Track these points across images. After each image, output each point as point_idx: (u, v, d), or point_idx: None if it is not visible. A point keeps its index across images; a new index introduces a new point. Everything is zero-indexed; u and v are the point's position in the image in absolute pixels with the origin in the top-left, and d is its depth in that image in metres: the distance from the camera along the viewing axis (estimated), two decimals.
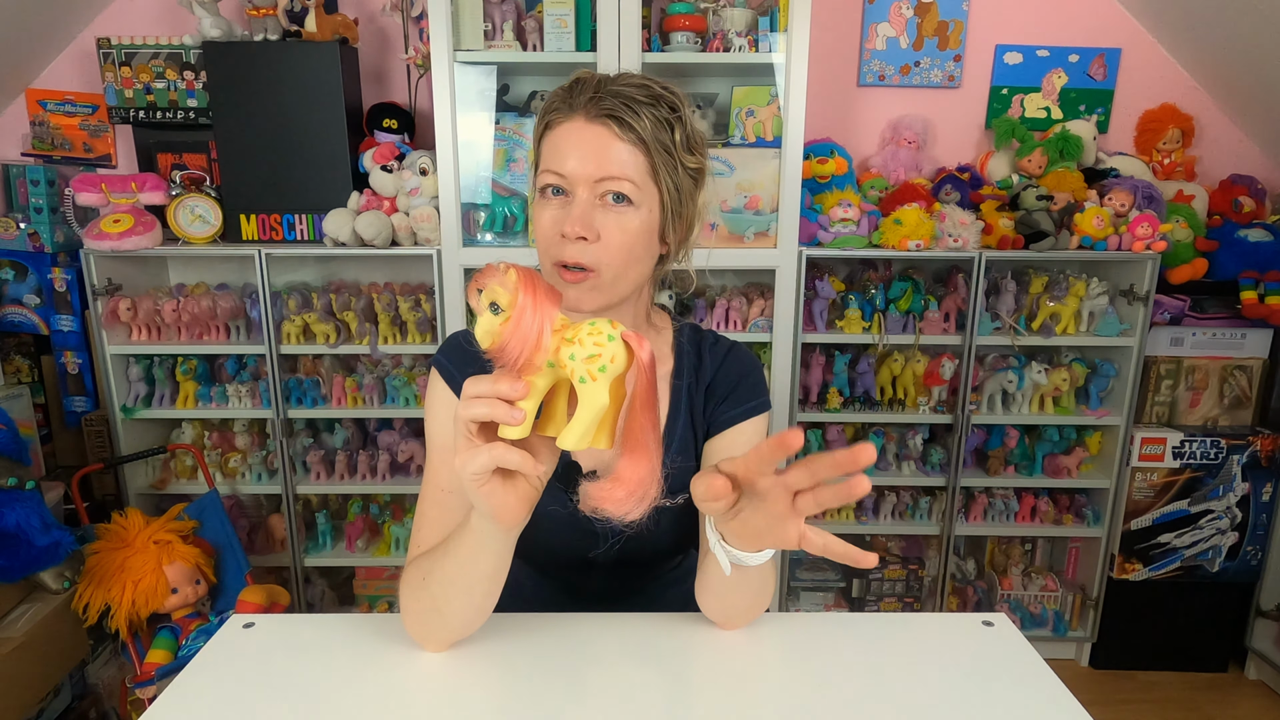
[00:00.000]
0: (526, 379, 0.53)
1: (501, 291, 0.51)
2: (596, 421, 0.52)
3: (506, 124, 1.80)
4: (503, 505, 0.59)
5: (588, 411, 0.52)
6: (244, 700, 0.68)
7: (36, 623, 1.52)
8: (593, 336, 0.52)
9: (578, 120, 0.72)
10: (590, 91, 0.72)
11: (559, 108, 0.73)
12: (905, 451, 2.07)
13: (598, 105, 0.71)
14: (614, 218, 0.72)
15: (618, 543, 0.86)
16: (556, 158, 0.72)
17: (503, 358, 0.52)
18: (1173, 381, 2.02)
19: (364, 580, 2.11)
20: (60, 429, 2.08)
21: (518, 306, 0.51)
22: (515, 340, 0.51)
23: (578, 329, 0.52)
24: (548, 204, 0.73)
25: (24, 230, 1.92)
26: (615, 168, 0.71)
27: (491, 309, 0.51)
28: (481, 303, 0.52)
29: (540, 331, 0.52)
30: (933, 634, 0.80)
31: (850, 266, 2.10)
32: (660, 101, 0.73)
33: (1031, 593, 2.13)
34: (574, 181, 0.71)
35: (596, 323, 0.53)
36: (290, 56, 1.81)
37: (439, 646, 0.75)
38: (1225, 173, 2.08)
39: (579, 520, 0.84)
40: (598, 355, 0.51)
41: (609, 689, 0.70)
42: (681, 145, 0.74)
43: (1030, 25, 2.08)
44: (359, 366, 2.04)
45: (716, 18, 1.77)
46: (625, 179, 0.71)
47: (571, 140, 0.71)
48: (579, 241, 0.70)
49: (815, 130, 2.04)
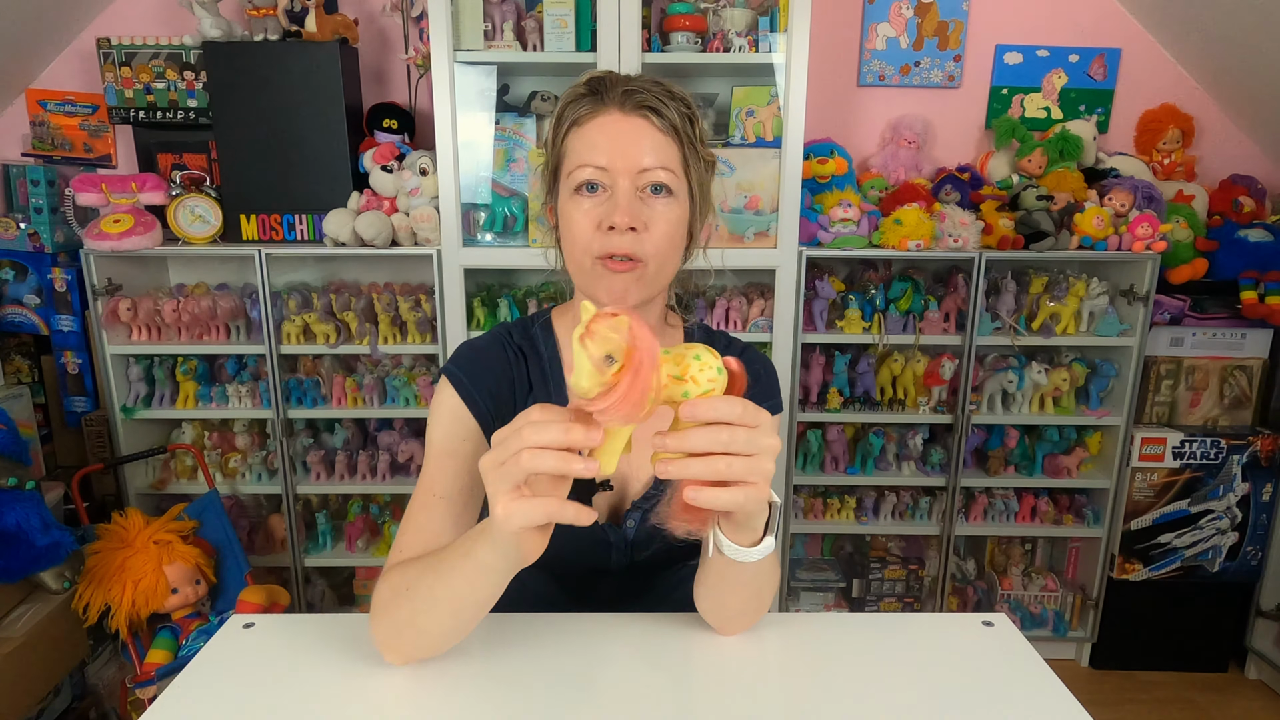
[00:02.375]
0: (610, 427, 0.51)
1: (616, 340, 0.48)
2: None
3: (506, 124, 1.80)
4: (535, 548, 0.58)
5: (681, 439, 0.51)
6: (244, 700, 0.68)
7: (36, 623, 1.52)
8: (704, 372, 0.51)
9: (613, 114, 0.72)
10: (621, 86, 0.73)
11: (585, 104, 0.73)
12: (905, 451, 2.07)
13: (632, 99, 0.72)
14: (658, 208, 0.72)
15: (629, 552, 0.85)
16: (592, 152, 0.72)
17: (608, 407, 0.49)
18: (1173, 381, 2.02)
19: (364, 580, 2.11)
20: (60, 429, 2.08)
21: (635, 359, 0.48)
22: (634, 392, 0.48)
23: (685, 363, 0.51)
24: (582, 199, 0.73)
25: (24, 230, 1.92)
26: (656, 158, 0.72)
27: (606, 360, 0.48)
28: (593, 352, 0.48)
29: (657, 379, 0.49)
30: (933, 634, 0.80)
31: (850, 266, 2.10)
32: (676, 98, 0.74)
33: (1031, 593, 2.13)
34: (615, 173, 0.71)
35: (701, 355, 0.52)
36: (290, 56, 1.81)
37: (403, 660, 0.71)
38: (1225, 173, 2.08)
39: (595, 530, 0.84)
40: (711, 390, 0.51)
41: (609, 689, 0.70)
42: (699, 138, 0.76)
43: (1030, 25, 2.08)
44: (359, 366, 2.04)
45: (716, 18, 1.77)
46: (665, 168, 0.72)
47: (609, 133, 0.72)
48: (628, 233, 0.70)
49: (815, 130, 2.04)
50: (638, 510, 0.83)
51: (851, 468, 2.06)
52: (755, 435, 0.52)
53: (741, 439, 0.51)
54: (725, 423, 0.51)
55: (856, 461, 2.07)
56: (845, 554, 2.27)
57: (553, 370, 0.84)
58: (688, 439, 0.51)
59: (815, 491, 2.13)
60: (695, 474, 0.51)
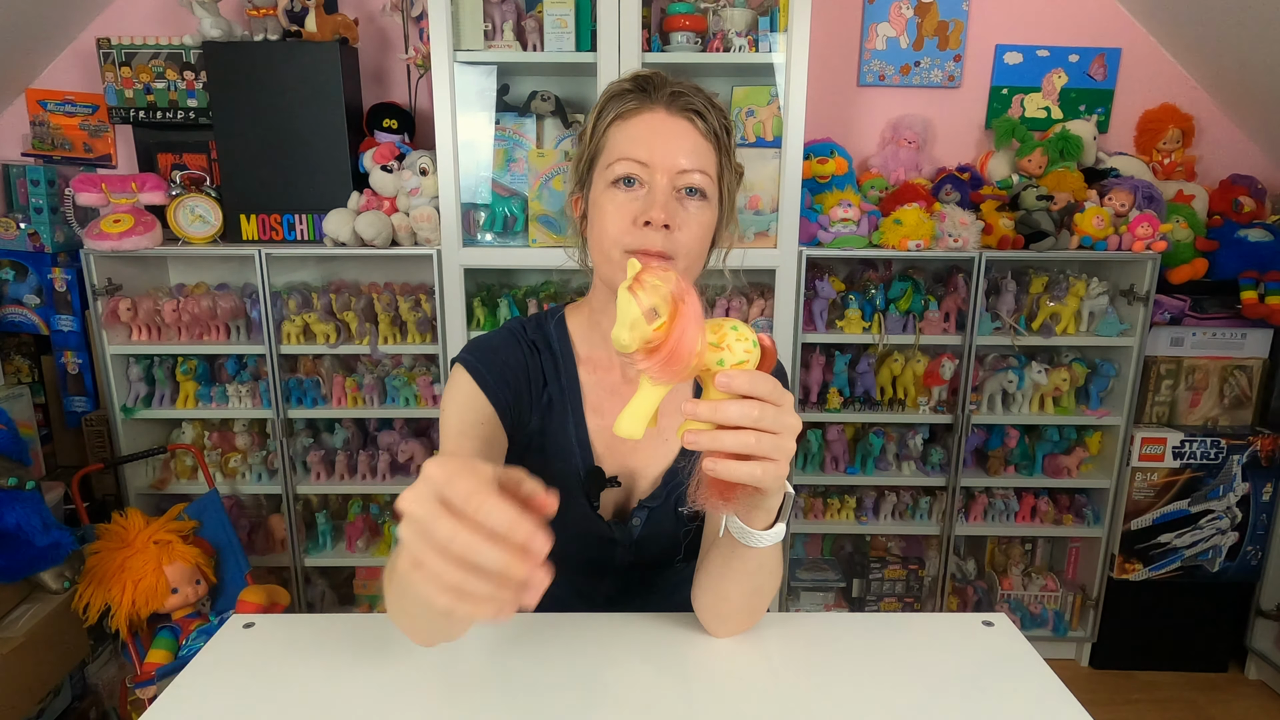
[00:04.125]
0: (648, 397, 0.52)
1: (664, 290, 0.49)
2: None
3: (506, 124, 1.80)
4: (443, 635, 0.58)
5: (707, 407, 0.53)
6: (244, 700, 0.68)
7: (36, 623, 1.52)
8: (741, 343, 0.52)
9: (659, 112, 0.73)
10: (670, 87, 0.74)
11: (631, 100, 0.74)
12: (905, 451, 2.07)
13: (679, 100, 0.73)
14: (692, 209, 0.73)
15: (634, 550, 0.85)
16: (635, 146, 0.73)
17: (647, 361, 0.50)
18: (1173, 381, 2.02)
19: (364, 580, 2.11)
20: (60, 429, 2.08)
21: (683, 315, 0.49)
22: (681, 347, 0.49)
23: (722, 332, 0.52)
24: (618, 192, 0.73)
25: (24, 230, 1.92)
26: (695, 160, 0.73)
27: (649, 314, 0.49)
28: (642, 302, 0.49)
29: (702, 340, 0.50)
30: (933, 634, 0.80)
31: (850, 266, 2.10)
32: (715, 107, 0.75)
33: (1031, 593, 2.13)
34: (655, 170, 0.72)
35: (738, 327, 0.53)
36: (290, 56, 1.81)
37: (427, 644, 0.71)
38: (1225, 173, 2.08)
39: (599, 527, 0.84)
40: (745, 361, 0.52)
41: (609, 688, 0.70)
42: (733, 150, 0.77)
43: (1030, 25, 2.08)
44: (359, 366, 2.04)
45: (716, 18, 1.77)
46: (704, 171, 0.73)
47: (654, 130, 0.73)
48: (661, 230, 0.71)
49: (815, 130, 2.04)
50: (644, 509, 0.83)
51: (851, 468, 2.06)
52: (781, 414, 0.53)
53: (770, 416, 0.52)
54: (756, 398, 0.52)
55: (856, 461, 2.07)
56: (845, 554, 2.27)
57: (566, 366, 0.84)
58: (719, 410, 0.52)
59: (815, 491, 2.13)
60: (725, 447, 0.52)
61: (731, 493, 0.55)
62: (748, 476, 0.53)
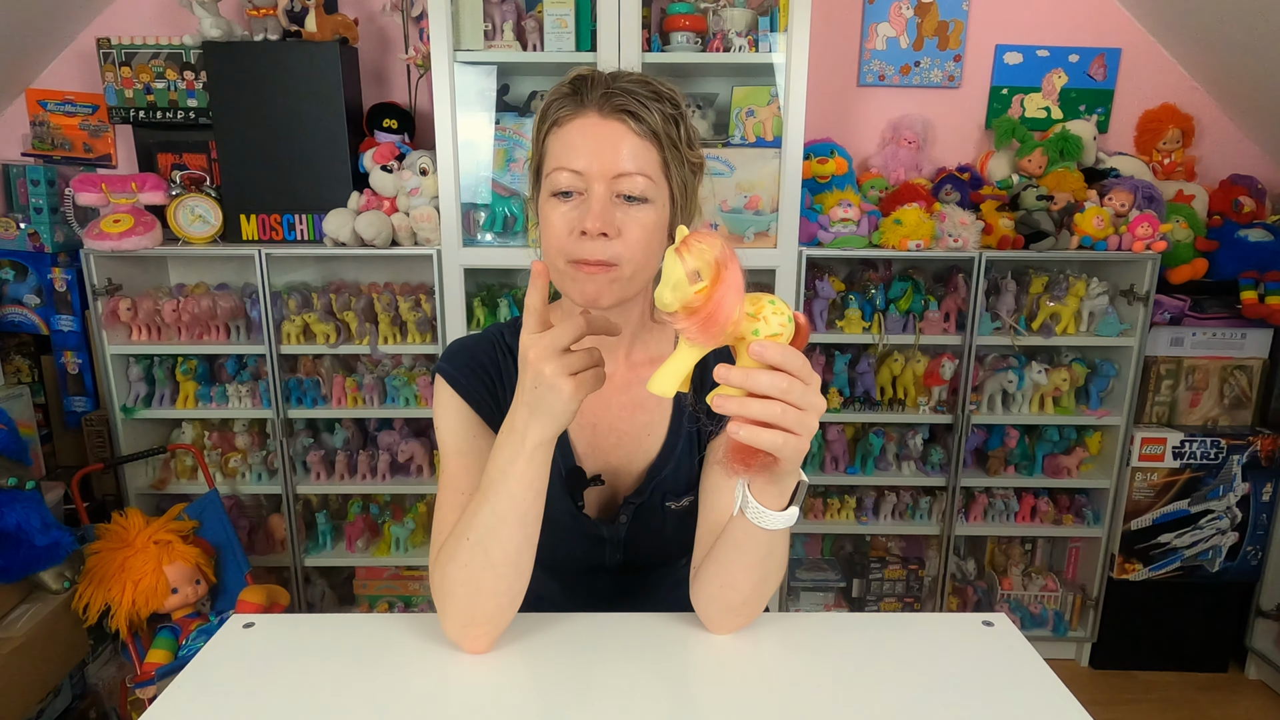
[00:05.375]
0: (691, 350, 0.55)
1: (710, 255, 0.51)
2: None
3: (506, 124, 1.80)
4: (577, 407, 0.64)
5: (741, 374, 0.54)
6: (244, 700, 0.68)
7: (36, 623, 1.52)
8: (777, 316, 0.54)
9: (590, 116, 0.71)
10: (601, 88, 0.71)
11: (566, 105, 0.72)
12: (905, 451, 2.07)
13: (610, 101, 0.70)
14: (632, 214, 0.71)
15: (623, 549, 0.85)
16: (570, 155, 0.71)
17: (687, 321, 0.52)
18: (1173, 381, 2.02)
19: (364, 580, 2.11)
20: (60, 429, 2.08)
21: (724, 281, 0.51)
22: (721, 313, 0.51)
23: (760, 303, 0.54)
24: (559, 202, 0.72)
25: (24, 230, 1.92)
26: (632, 163, 0.70)
27: (692, 276, 0.51)
28: (688, 263, 0.51)
29: (741, 308, 0.52)
30: (933, 634, 0.80)
31: (850, 266, 2.10)
32: (663, 98, 0.73)
33: (1031, 593, 2.13)
34: (590, 178, 0.70)
35: (775, 300, 0.54)
36: (290, 56, 1.81)
37: (486, 639, 0.73)
38: (1225, 173, 2.08)
39: (585, 526, 0.84)
40: (779, 335, 0.54)
41: (609, 688, 0.70)
42: (685, 140, 0.74)
43: (1030, 25, 2.08)
44: (359, 366, 2.04)
45: (716, 18, 1.77)
46: (641, 174, 0.71)
47: (586, 136, 0.71)
48: (599, 239, 0.70)
49: (815, 130, 2.04)
50: (630, 505, 0.83)
51: (851, 468, 2.06)
52: (809, 391, 0.54)
53: (798, 391, 0.53)
54: (787, 372, 0.53)
55: (856, 461, 2.07)
56: (845, 554, 2.27)
57: None
58: (750, 378, 0.53)
59: (815, 491, 2.13)
60: (751, 414, 0.53)
61: (753, 459, 0.57)
62: (769, 443, 0.54)
